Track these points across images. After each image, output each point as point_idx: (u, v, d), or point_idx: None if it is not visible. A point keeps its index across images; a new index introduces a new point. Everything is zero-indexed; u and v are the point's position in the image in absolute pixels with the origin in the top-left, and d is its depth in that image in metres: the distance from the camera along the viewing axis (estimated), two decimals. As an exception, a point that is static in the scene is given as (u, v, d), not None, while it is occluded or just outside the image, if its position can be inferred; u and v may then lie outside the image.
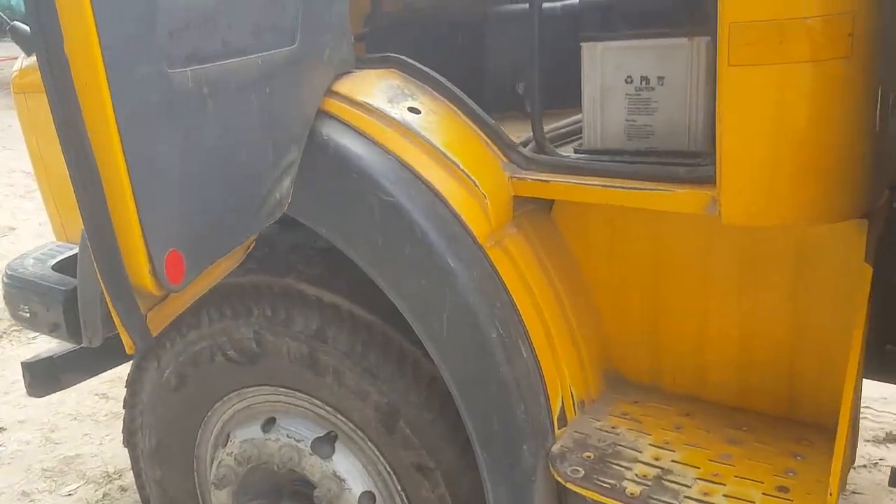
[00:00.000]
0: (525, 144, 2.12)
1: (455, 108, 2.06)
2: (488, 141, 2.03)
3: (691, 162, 1.80)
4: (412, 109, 1.97)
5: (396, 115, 1.93)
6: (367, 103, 1.93)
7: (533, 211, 2.08)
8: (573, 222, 2.09)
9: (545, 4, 2.00)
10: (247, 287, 2.16)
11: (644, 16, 1.85)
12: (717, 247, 1.89)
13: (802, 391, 1.87)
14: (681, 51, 1.81)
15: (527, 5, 3.11)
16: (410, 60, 2.12)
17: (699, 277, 1.93)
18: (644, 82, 1.89)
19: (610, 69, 1.93)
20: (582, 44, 1.95)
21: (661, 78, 1.86)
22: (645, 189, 1.74)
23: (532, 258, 1.99)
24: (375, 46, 2.83)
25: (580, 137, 2.31)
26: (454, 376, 1.82)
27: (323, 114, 1.88)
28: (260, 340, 2.10)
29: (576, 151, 2.04)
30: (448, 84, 2.08)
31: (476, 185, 1.90)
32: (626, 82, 1.91)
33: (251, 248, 1.78)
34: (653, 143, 1.92)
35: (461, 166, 1.90)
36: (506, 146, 2.02)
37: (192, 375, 2.29)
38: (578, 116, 2.35)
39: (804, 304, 1.80)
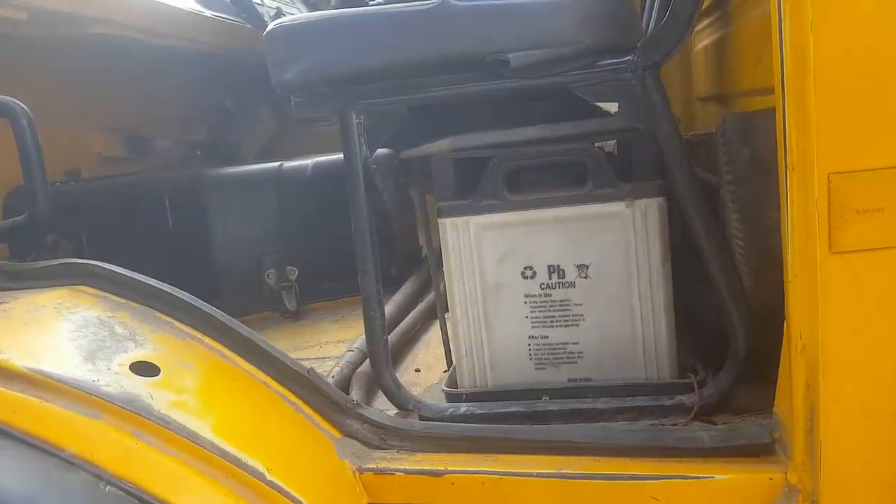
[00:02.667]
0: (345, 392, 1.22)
1: (221, 350, 1.10)
2: (300, 405, 1.09)
3: (670, 404, 1.07)
4: (139, 368, 0.98)
5: (110, 386, 0.92)
6: (42, 372, 0.89)
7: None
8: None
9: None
10: None
11: (545, 172, 1.13)
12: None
13: None
14: (615, 222, 1.12)
15: (257, 165, 2.32)
16: (114, 267, 1.14)
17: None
18: (556, 275, 1.14)
19: (493, 256, 1.16)
20: (441, 220, 1.16)
21: (582, 267, 1.14)
22: (649, 477, 0.95)
23: None
24: (28, 243, 1.74)
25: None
26: None
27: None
28: None
29: (449, 398, 1.19)
30: (198, 302, 1.13)
31: (304, 511, 0.93)
32: (525, 277, 1.15)
33: None
34: (581, 372, 1.16)
35: (268, 476, 0.93)
36: (335, 410, 1.10)
37: None
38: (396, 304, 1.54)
39: None
